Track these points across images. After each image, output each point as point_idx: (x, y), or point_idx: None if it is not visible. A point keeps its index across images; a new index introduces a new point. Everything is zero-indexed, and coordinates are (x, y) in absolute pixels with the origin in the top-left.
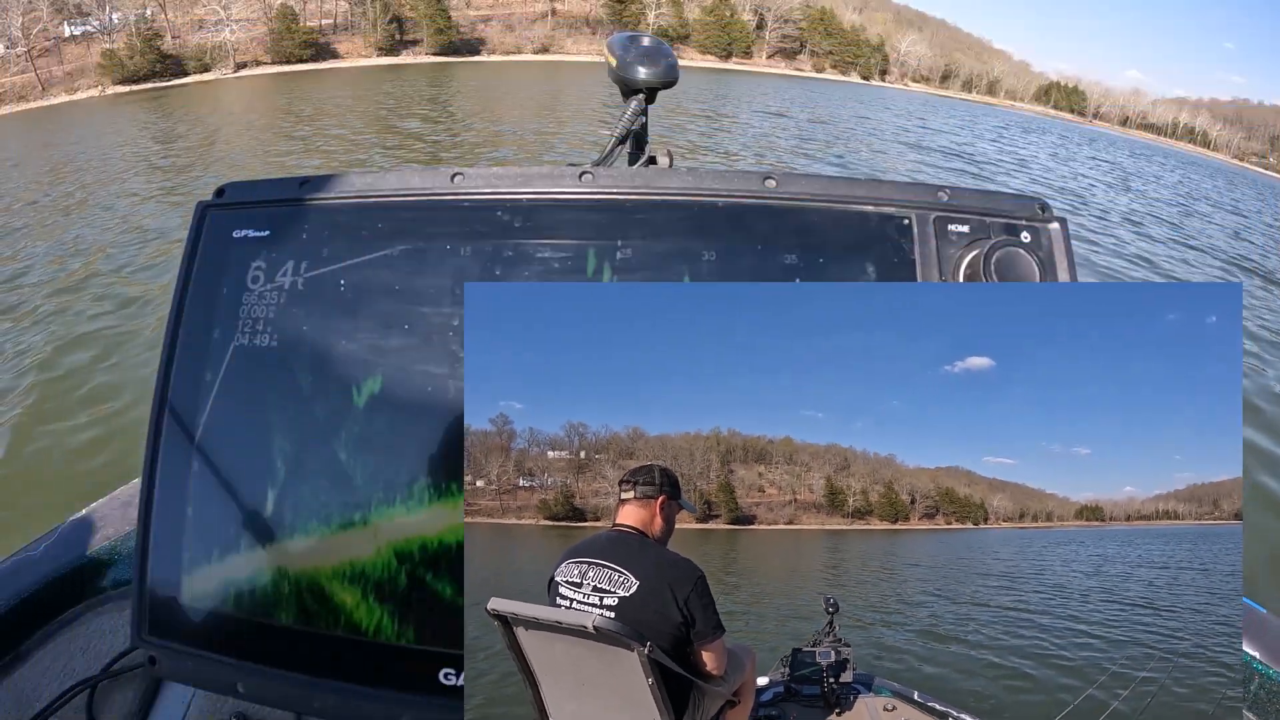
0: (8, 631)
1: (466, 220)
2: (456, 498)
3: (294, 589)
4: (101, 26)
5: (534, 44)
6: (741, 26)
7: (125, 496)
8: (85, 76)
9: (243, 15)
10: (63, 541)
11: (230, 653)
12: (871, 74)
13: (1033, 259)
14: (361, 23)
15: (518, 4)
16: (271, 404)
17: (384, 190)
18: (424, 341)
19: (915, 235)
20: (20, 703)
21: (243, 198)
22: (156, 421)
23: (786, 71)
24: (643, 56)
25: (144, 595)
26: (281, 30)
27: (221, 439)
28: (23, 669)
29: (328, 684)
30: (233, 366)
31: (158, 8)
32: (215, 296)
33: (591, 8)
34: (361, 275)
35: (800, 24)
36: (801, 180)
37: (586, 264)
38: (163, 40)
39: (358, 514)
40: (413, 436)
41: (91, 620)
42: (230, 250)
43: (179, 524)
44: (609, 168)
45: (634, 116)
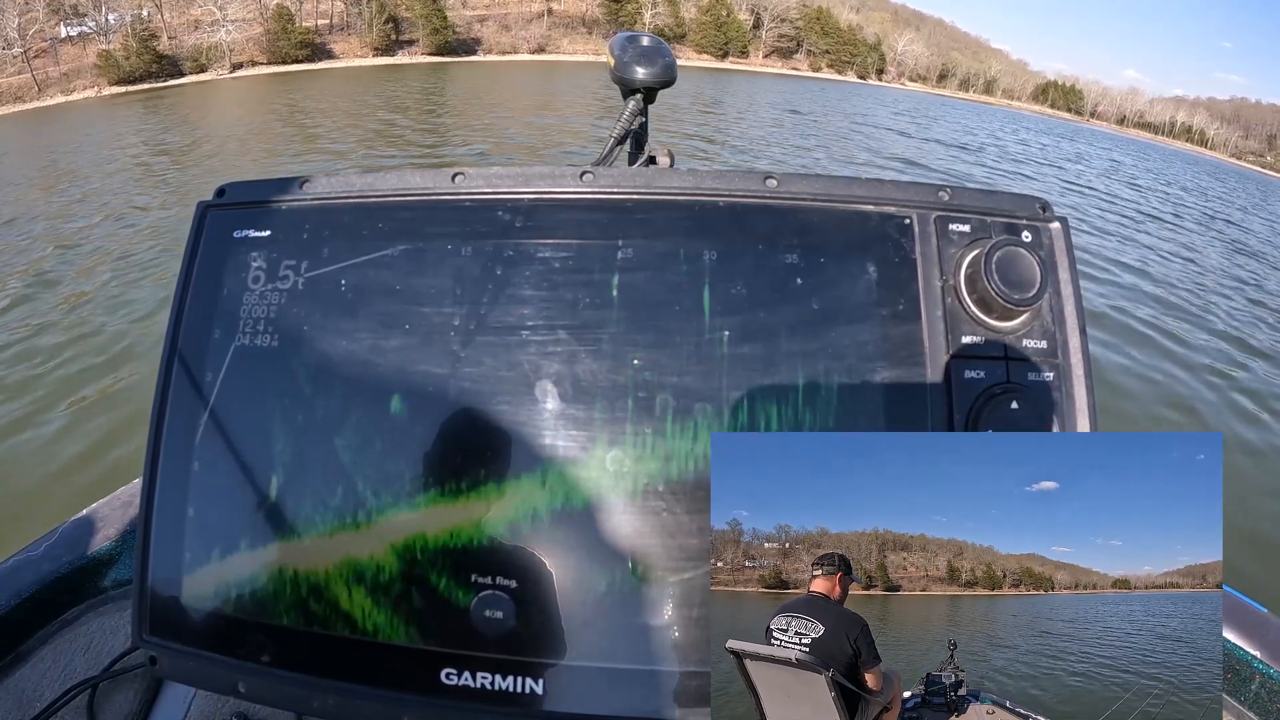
0: (8, 631)
1: (468, 220)
2: (458, 497)
3: (295, 589)
4: (98, 27)
5: (530, 44)
6: (738, 26)
7: (126, 496)
8: (82, 77)
9: (239, 16)
10: (64, 541)
11: (231, 653)
12: (868, 73)
13: (1034, 258)
14: (357, 23)
15: (514, 3)
16: (272, 404)
17: (385, 190)
18: (425, 341)
19: (916, 234)
20: (21, 703)
21: (243, 198)
22: (157, 421)
23: (783, 71)
24: (640, 56)
25: (145, 595)
26: (278, 31)
27: (222, 439)
28: (23, 669)
29: (329, 684)
30: (233, 367)
31: (154, 8)
32: (216, 296)
33: (588, 7)
34: (363, 275)
35: (797, 23)
36: (802, 180)
37: (587, 264)
38: (159, 41)
39: (359, 514)
40: (414, 436)
41: (92, 620)
42: (231, 250)
43: (180, 524)
44: (610, 167)
45: (633, 116)
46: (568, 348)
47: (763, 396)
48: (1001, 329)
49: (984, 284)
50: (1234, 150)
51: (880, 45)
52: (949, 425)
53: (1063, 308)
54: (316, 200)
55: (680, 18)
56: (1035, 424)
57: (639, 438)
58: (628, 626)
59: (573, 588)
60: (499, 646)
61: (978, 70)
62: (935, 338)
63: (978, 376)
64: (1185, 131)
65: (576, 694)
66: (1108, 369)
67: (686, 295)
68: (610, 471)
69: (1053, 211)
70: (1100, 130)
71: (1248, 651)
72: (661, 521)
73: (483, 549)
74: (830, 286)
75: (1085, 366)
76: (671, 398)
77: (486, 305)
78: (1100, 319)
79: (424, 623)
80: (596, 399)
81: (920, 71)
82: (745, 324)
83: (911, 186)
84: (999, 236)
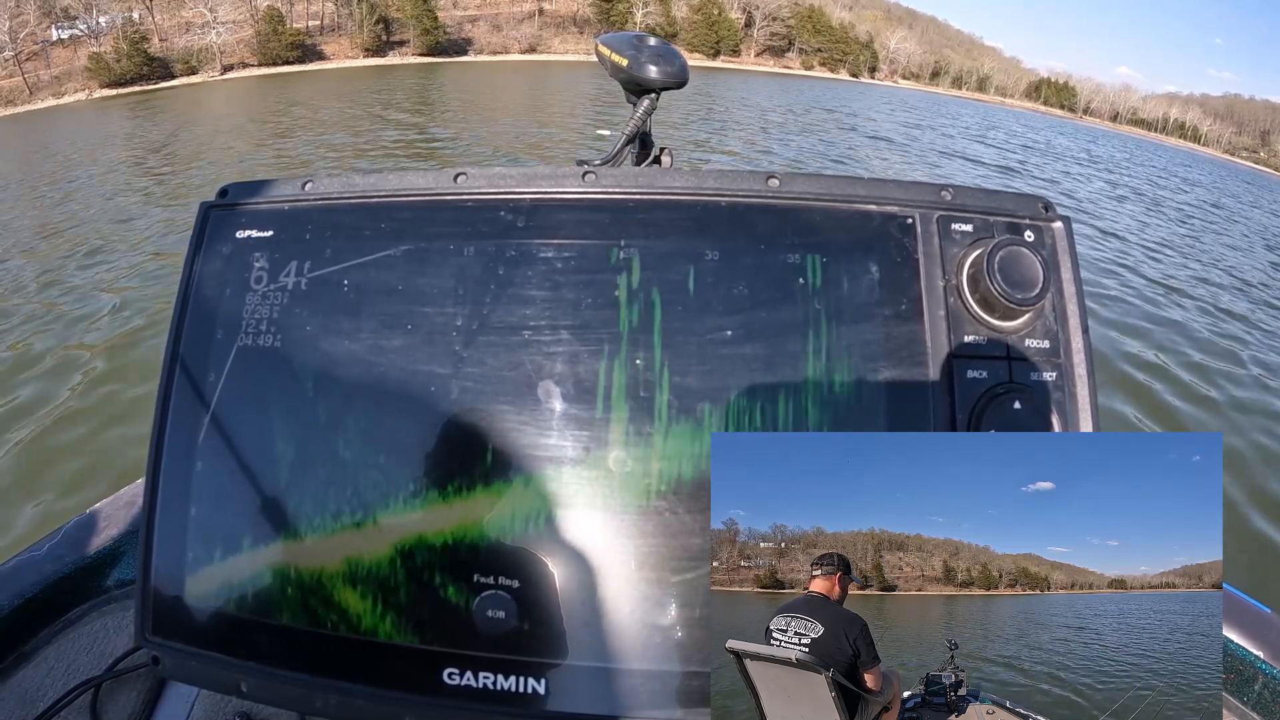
0: (12, 631)
1: (470, 220)
2: (460, 498)
3: (298, 589)
4: (89, 29)
5: (521, 44)
6: (730, 24)
7: (129, 496)
8: (73, 80)
9: (229, 17)
10: (67, 541)
11: (234, 653)
12: (860, 71)
13: (1036, 258)
14: (348, 24)
15: (505, 3)
16: (275, 404)
17: (387, 190)
18: (428, 342)
19: (918, 234)
20: (24, 702)
21: (245, 198)
22: (160, 422)
23: (775, 69)
24: (656, 57)
25: (147, 595)
26: (268, 32)
27: (225, 439)
28: (26, 669)
29: (332, 684)
30: (236, 367)
31: (145, 10)
32: (218, 297)
33: (579, 7)
34: (365, 275)
35: (789, 21)
36: (804, 180)
37: (590, 264)
38: (150, 43)
39: (361, 514)
40: (416, 436)
41: (95, 620)
42: (233, 250)
43: (182, 524)
44: (614, 167)
45: (644, 116)
46: (570, 348)
47: (765, 396)
48: (1004, 329)
49: (986, 284)
50: (1227, 146)
51: (873, 43)
52: (951, 425)
53: (1065, 307)
54: (319, 200)
55: (672, 16)
56: (1038, 424)
57: (641, 438)
58: (629, 626)
59: (575, 588)
60: (501, 646)
61: (970, 68)
62: (937, 337)
63: (980, 376)
64: (1179, 128)
65: (578, 694)
66: (1109, 367)
67: (688, 295)
68: (612, 472)
69: (1055, 211)
70: (1097, 128)
71: (1251, 652)
72: (663, 522)
73: (485, 549)
74: (832, 286)
75: (1088, 366)
76: (674, 398)
77: (489, 305)
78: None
79: (426, 623)
80: (598, 399)
81: (913, 69)
82: (747, 324)
83: (913, 186)
84: (1001, 236)
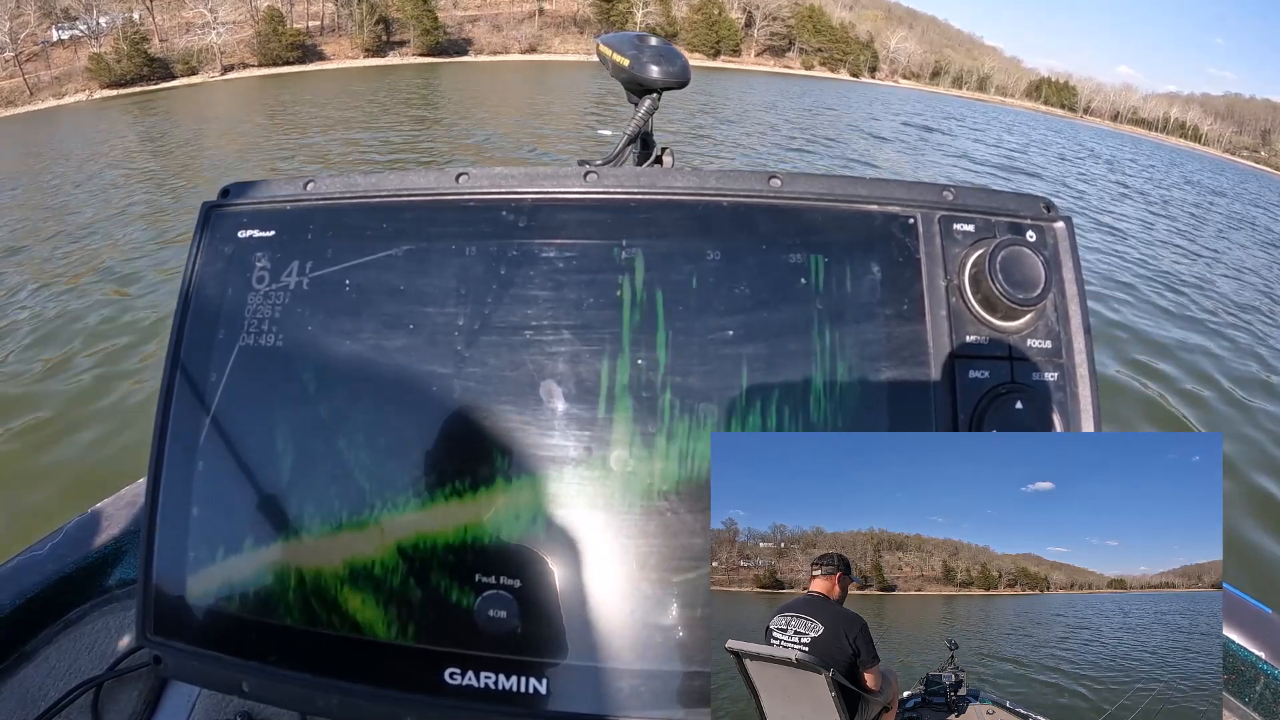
0: (13, 630)
1: (472, 220)
2: (462, 497)
3: (299, 589)
4: (89, 30)
5: (521, 44)
6: (730, 24)
7: (131, 496)
8: (73, 80)
9: (230, 18)
10: (68, 540)
11: (235, 652)
12: (861, 71)
13: (1038, 258)
14: (348, 24)
15: (505, 3)
16: (277, 404)
17: (389, 190)
18: (430, 341)
19: (920, 234)
20: (25, 702)
21: (247, 198)
22: (162, 421)
23: (775, 69)
24: (657, 57)
25: (149, 595)
26: (268, 33)
27: (227, 439)
28: (28, 668)
29: (333, 683)
30: (238, 366)
31: (145, 11)
32: (220, 296)
33: (579, 7)
34: (367, 275)
35: (789, 21)
36: (806, 180)
37: (592, 263)
38: (150, 44)
39: (363, 514)
40: (418, 436)
41: (97, 619)
42: (235, 250)
43: (184, 524)
44: (616, 167)
45: (646, 116)
46: (572, 348)
47: (766, 396)
48: (1005, 329)
49: (988, 284)
50: (1227, 146)
51: (873, 43)
52: (953, 425)
53: (1067, 307)
54: (320, 200)
55: (672, 16)
56: (1039, 424)
57: (643, 438)
58: (630, 626)
59: (576, 588)
60: (502, 646)
61: (971, 67)
62: (939, 338)
63: (982, 376)
64: (1179, 127)
65: (579, 694)
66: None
67: (690, 295)
68: (613, 472)
69: (1057, 211)
70: (1100, 127)
71: (1252, 652)
72: (665, 522)
73: (487, 549)
74: (834, 286)
75: (1089, 366)
76: (675, 398)
77: (491, 305)
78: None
79: (428, 623)
80: (600, 399)
81: (913, 69)
82: (749, 324)
83: (915, 186)
84: (1003, 236)
